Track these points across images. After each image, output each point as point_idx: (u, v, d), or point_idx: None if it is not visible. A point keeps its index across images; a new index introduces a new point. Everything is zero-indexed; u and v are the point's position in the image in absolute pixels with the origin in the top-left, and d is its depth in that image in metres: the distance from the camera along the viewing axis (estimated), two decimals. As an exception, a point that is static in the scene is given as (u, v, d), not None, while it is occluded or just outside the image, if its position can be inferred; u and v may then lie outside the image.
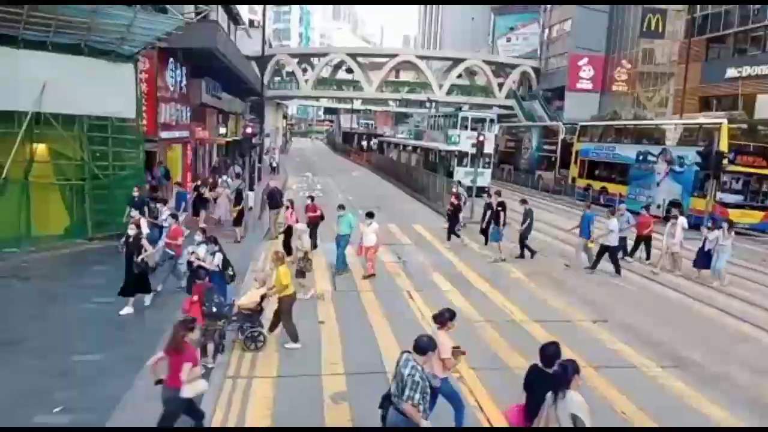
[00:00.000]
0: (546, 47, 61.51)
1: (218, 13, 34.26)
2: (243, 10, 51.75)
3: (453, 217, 18.54)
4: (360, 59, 67.50)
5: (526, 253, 16.56)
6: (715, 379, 8.80)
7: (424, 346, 5.38)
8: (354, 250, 14.25)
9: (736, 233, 14.76)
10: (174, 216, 12.69)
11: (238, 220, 17.32)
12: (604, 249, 15.18)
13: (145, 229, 11.68)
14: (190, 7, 18.59)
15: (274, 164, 41.79)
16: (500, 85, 63.27)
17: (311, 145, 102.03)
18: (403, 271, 14.75)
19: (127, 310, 10.17)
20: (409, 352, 5.43)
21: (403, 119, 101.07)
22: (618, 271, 15.06)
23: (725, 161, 22.03)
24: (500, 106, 61.71)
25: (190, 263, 10.37)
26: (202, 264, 9.82)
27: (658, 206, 25.95)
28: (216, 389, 7.62)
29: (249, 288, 10.04)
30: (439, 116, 42.67)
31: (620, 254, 15.95)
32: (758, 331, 11.35)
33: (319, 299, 11.89)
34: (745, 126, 24.78)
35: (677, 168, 25.41)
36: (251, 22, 60.13)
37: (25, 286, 11.42)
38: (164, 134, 21.76)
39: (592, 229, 15.66)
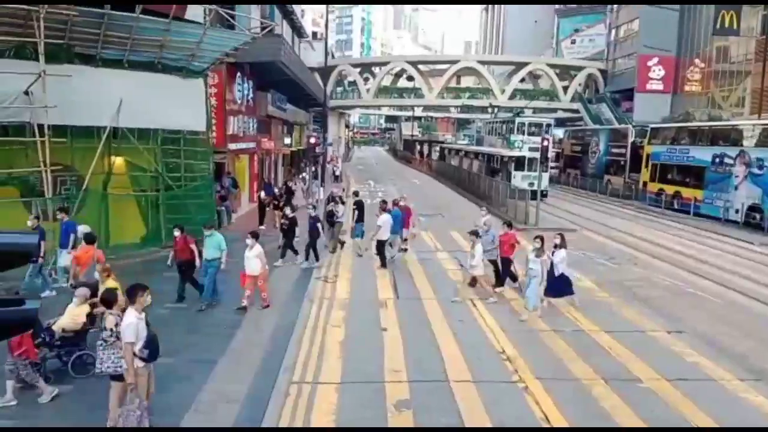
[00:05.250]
0: (613, 48, 59.60)
1: (282, 27, 35.21)
2: (306, 23, 53.05)
3: (289, 232, 15.41)
4: (421, 67, 67.55)
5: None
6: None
7: None
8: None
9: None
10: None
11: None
12: (378, 244, 15.03)
13: None
14: (256, 23, 19.19)
15: (337, 172, 42.44)
16: (565, 89, 61.76)
17: (373, 153, 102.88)
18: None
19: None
20: None
21: (465, 125, 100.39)
22: (383, 264, 14.94)
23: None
24: (565, 110, 60.28)
25: None
26: None
27: (737, 211, 24.63)
28: (282, 395, 7.77)
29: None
30: (497, 122, 42.15)
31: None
32: None
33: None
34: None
35: (756, 171, 24.02)
36: (314, 35, 61.58)
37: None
38: (232, 146, 22.49)
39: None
